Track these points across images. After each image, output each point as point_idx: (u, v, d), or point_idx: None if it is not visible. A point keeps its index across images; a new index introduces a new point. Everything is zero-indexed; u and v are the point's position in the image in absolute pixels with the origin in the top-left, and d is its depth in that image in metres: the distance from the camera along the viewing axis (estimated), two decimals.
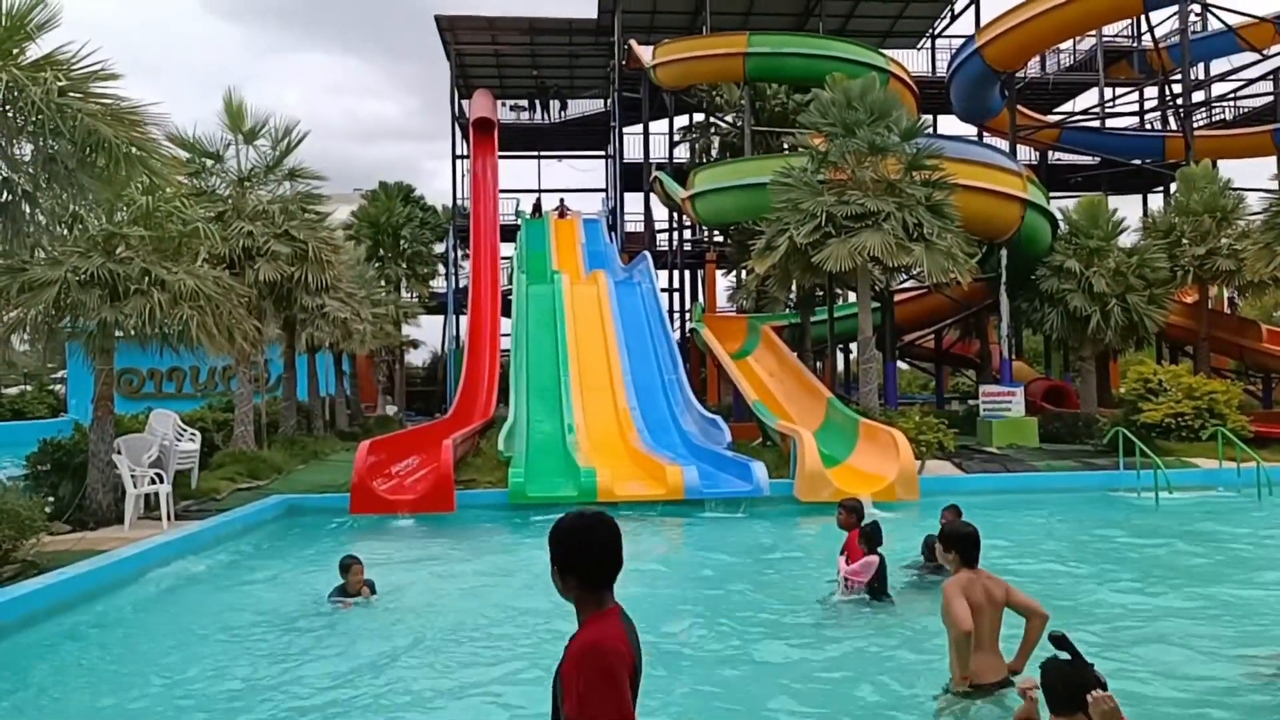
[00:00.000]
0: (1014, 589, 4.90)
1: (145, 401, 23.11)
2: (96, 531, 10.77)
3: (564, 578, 2.51)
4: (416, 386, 40.38)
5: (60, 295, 10.76)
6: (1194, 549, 10.24)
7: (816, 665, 6.16)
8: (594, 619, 2.48)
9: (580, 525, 2.55)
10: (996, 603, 4.79)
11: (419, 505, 12.98)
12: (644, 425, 17.15)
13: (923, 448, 15.60)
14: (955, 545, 4.94)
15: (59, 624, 7.41)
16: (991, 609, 4.76)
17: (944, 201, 17.63)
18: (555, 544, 2.53)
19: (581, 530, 2.54)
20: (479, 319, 27.98)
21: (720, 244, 30.37)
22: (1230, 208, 21.78)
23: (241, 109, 16.80)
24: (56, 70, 8.28)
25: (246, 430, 16.95)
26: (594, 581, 2.52)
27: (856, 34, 30.64)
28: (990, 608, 4.75)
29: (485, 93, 36.31)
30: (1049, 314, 20.77)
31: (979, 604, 4.70)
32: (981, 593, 4.74)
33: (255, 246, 16.44)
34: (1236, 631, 6.80)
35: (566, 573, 2.51)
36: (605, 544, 2.53)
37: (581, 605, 2.52)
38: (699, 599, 8.19)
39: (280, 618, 7.58)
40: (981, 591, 4.75)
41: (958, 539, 4.93)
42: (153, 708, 5.58)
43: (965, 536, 4.92)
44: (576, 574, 2.51)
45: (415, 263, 33.42)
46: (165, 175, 9.43)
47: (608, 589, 2.54)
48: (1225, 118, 33.72)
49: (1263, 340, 23.30)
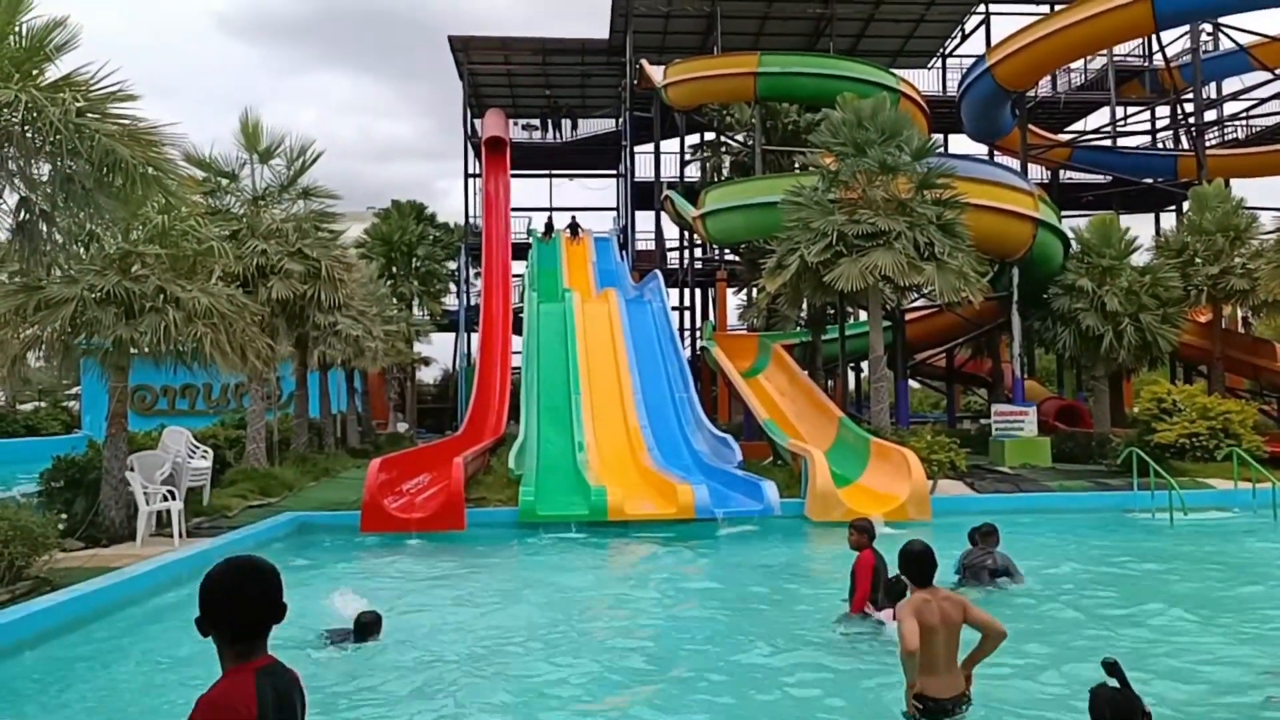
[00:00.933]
0: (972, 607, 4.88)
1: (158, 418, 23.21)
2: (109, 548, 10.80)
3: (206, 628, 2.38)
4: (428, 404, 40.46)
5: (76, 313, 10.84)
6: (1208, 570, 10.14)
7: (814, 682, 6.12)
8: (230, 673, 2.36)
9: (227, 578, 2.40)
10: (952, 623, 4.78)
11: (429, 523, 12.97)
12: (654, 444, 17.14)
13: (934, 467, 15.52)
14: (903, 565, 4.95)
15: (71, 641, 7.43)
16: (946, 629, 4.75)
17: (955, 220, 17.63)
18: (201, 594, 2.38)
19: (228, 583, 2.39)
20: (490, 336, 28.07)
21: (731, 263, 30.41)
22: (1243, 227, 21.68)
23: (257, 129, 16.97)
24: (75, 91, 8.40)
25: (258, 447, 17.01)
26: (237, 635, 2.38)
27: (867, 54, 30.75)
28: (944, 628, 4.74)
29: (498, 112, 36.57)
30: (1061, 333, 20.70)
31: (932, 625, 4.69)
32: (936, 613, 4.73)
33: (269, 264, 16.57)
34: (1255, 650, 6.73)
35: (209, 624, 2.37)
36: (252, 599, 2.39)
37: (222, 657, 2.39)
38: (707, 617, 8.15)
39: (290, 640, 7.58)
40: (936, 612, 4.73)
41: (906, 559, 4.96)
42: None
43: (914, 556, 4.93)
44: (217, 627, 2.37)
45: (428, 280, 33.57)
46: (181, 195, 9.52)
47: (255, 640, 2.40)
48: (1238, 136, 33.65)
49: (1277, 360, 23.15)
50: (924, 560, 4.88)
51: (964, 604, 4.87)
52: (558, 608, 8.52)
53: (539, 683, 6.24)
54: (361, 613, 7.21)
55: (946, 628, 4.75)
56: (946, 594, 4.90)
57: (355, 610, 7.26)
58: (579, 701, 5.88)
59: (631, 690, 6.13)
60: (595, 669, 6.52)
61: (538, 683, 6.25)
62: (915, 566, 4.88)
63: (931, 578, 4.87)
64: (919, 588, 4.85)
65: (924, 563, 4.88)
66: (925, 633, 4.66)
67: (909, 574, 4.92)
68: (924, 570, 4.86)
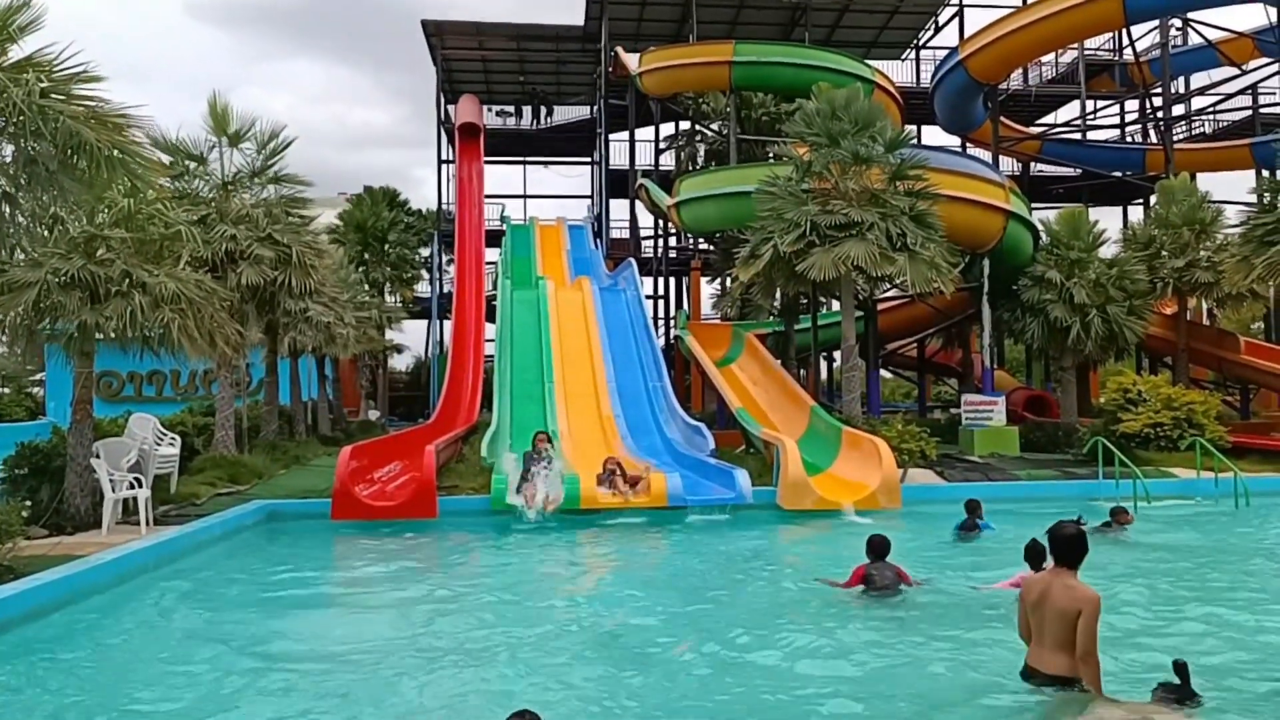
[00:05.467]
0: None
1: (125, 405, 22.92)
2: (74, 536, 10.66)
3: None
4: (400, 391, 40.23)
5: (40, 297, 10.67)
6: (1170, 558, 10.32)
7: (789, 664, 6.18)
8: None
9: None
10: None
11: (401, 511, 12.92)
12: (628, 432, 17.16)
13: (905, 456, 15.66)
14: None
15: (34, 629, 7.33)
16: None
17: (927, 212, 17.74)
18: None
19: None
20: (463, 324, 27.93)
21: (705, 251, 30.45)
22: (1209, 220, 22.02)
23: (226, 112, 16.74)
24: (39, 72, 8.25)
25: (227, 435, 16.85)
26: None
27: (841, 44, 30.84)
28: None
29: (471, 98, 36.30)
30: (1030, 324, 20.93)
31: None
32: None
33: (238, 250, 16.37)
34: (1210, 638, 6.86)
35: None
36: None
37: None
38: (679, 605, 8.19)
39: (259, 624, 7.54)
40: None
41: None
42: (124, 714, 5.53)
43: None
44: None
45: (400, 267, 33.35)
46: (147, 178, 9.38)
47: None
48: (1205, 131, 34.13)
49: (1241, 352, 23.55)
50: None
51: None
52: (528, 595, 8.53)
53: (500, 675, 6.25)
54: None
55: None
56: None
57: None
58: (547, 687, 5.90)
59: (599, 675, 6.14)
60: (561, 656, 6.54)
61: (499, 674, 6.25)
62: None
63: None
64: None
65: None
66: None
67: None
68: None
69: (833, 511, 13.12)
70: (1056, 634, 4.99)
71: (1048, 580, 5.14)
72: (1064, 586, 5.01)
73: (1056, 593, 5.01)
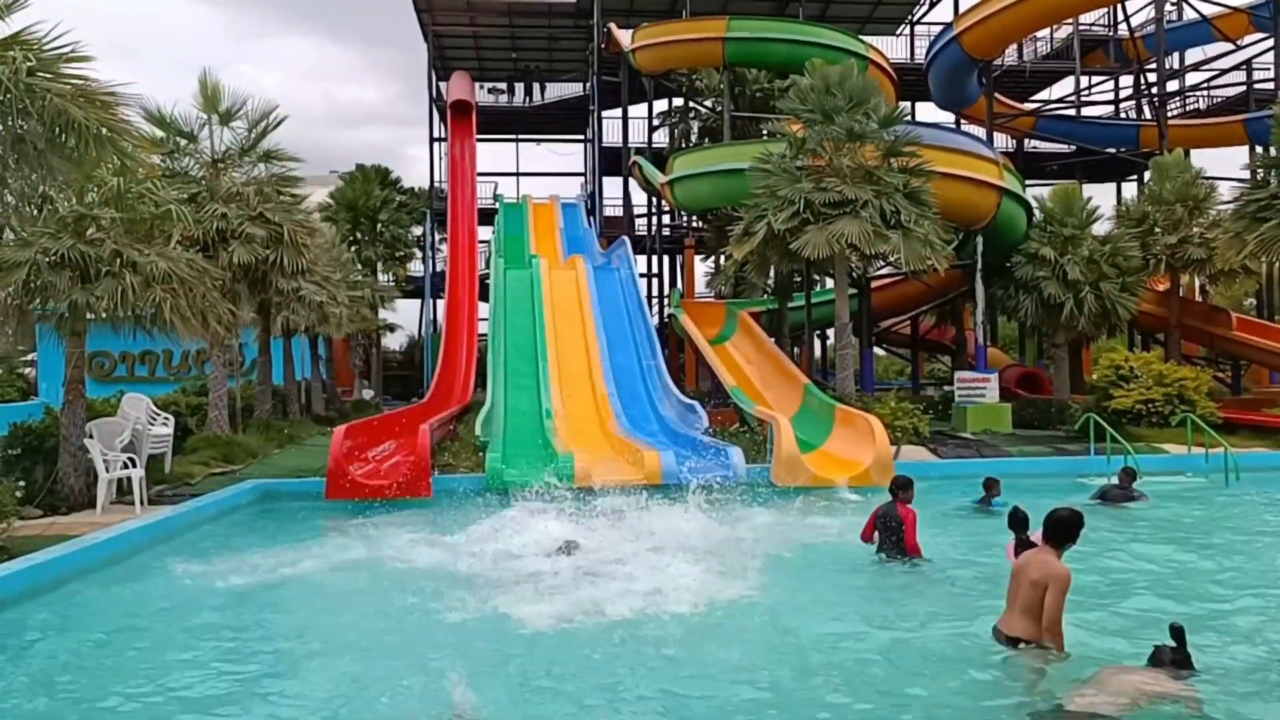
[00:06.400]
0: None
1: (117, 385, 22.83)
2: (68, 516, 10.69)
3: None
4: (393, 370, 40.14)
5: (30, 277, 10.63)
6: (1161, 532, 10.41)
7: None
8: None
9: None
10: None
11: (395, 490, 12.93)
12: (622, 410, 17.18)
13: (898, 433, 15.73)
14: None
15: (28, 609, 7.35)
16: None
17: (921, 189, 17.72)
18: None
19: None
20: (456, 303, 27.86)
21: (699, 229, 30.37)
22: (1202, 197, 22.03)
23: (217, 90, 16.62)
24: (26, 50, 8.18)
25: (221, 414, 16.83)
26: None
27: (836, 20, 30.61)
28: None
29: (463, 75, 36.03)
30: (1023, 301, 20.96)
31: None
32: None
33: (230, 229, 16.28)
34: (1203, 609, 6.93)
35: None
36: None
37: None
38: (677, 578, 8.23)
39: (254, 603, 7.57)
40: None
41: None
42: (120, 694, 5.56)
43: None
44: None
45: (393, 246, 33.18)
46: (136, 157, 9.33)
47: None
48: (1199, 107, 34.06)
49: (1232, 328, 23.61)
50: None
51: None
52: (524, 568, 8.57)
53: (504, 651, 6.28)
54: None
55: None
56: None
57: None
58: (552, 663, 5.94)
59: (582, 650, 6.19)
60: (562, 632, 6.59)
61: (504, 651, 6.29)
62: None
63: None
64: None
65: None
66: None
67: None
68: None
69: (826, 488, 13.18)
70: (1024, 601, 5.39)
71: (1032, 554, 5.54)
72: (1041, 561, 5.39)
73: (1034, 565, 5.41)
